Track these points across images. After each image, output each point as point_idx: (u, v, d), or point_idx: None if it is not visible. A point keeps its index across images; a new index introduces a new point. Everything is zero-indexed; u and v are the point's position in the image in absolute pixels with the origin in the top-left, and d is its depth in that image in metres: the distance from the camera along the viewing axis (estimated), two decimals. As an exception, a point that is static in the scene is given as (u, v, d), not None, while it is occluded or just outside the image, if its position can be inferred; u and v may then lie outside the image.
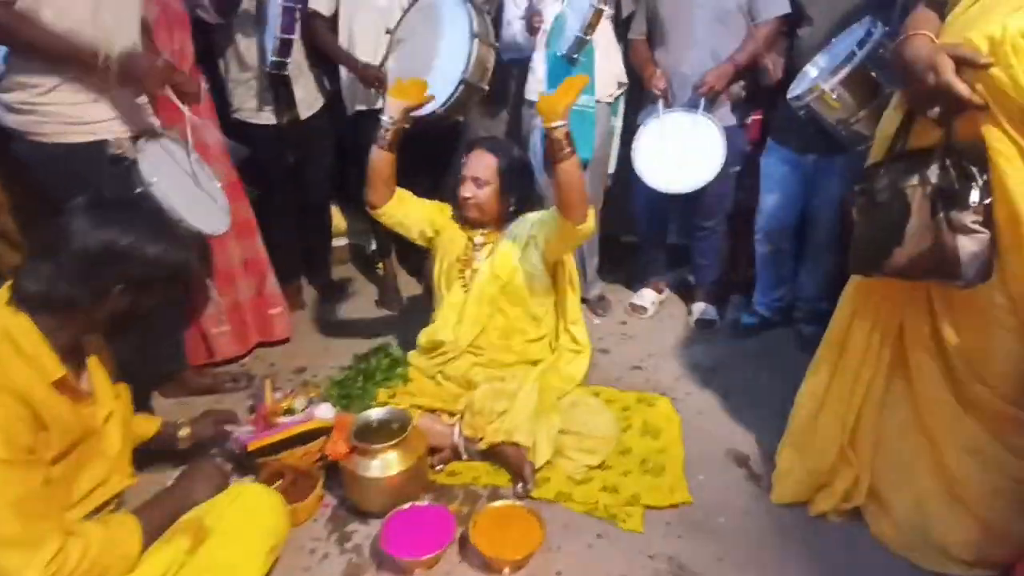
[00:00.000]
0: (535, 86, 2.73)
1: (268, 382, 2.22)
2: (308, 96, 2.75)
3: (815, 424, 1.84)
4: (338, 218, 3.46)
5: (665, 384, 2.46)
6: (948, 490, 1.63)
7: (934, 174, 1.43)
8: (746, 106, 2.81)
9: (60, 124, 1.85)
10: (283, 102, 2.69)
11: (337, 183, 3.29)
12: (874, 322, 1.69)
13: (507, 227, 2.18)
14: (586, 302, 3.04)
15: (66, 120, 1.85)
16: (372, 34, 2.67)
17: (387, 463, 1.77)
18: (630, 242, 3.22)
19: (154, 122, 2.08)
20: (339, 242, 3.52)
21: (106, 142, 1.89)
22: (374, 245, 3.40)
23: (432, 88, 2.14)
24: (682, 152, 2.60)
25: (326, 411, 2.03)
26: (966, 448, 1.58)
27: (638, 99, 2.84)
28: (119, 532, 1.34)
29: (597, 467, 1.97)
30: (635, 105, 2.87)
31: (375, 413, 1.92)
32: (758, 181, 2.85)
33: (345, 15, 2.69)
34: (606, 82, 2.71)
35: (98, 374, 1.47)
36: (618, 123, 2.95)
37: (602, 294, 3.09)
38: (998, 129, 1.34)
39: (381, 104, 2.71)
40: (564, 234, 2.01)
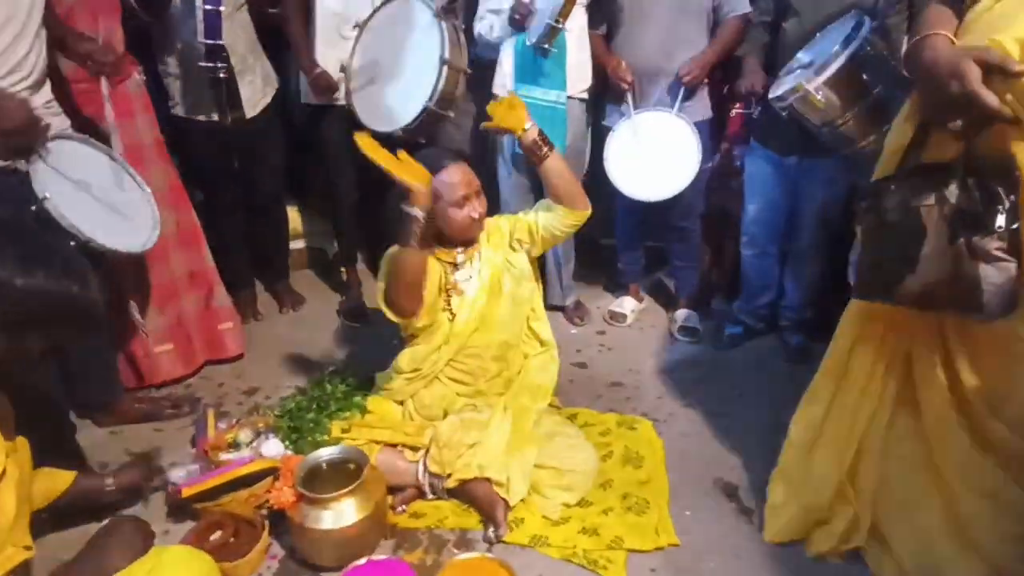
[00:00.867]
0: (502, 80, 2.53)
1: (211, 412, 2.02)
2: (254, 95, 2.52)
3: (810, 458, 1.69)
4: (295, 219, 3.23)
5: (647, 403, 2.30)
6: (958, 532, 1.49)
7: (953, 193, 1.26)
8: (725, 99, 2.67)
9: None
10: (226, 99, 2.43)
11: (293, 181, 3.07)
12: (878, 351, 1.54)
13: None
14: (563, 310, 2.88)
15: None
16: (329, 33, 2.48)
17: (340, 513, 1.57)
18: (608, 244, 3.05)
19: (59, 124, 1.81)
20: (296, 245, 3.29)
21: None
22: (336, 248, 3.18)
23: (392, 109, 1.91)
24: (657, 157, 2.45)
25: (274, 447, 1.83)
26: (980, 490, 1.44)
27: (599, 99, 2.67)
28: None
29: (575, 504, 1.81)
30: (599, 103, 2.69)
31: (326, 453, 1.72)
32: (732, 179, 2.71)
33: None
34: (579, 76, 2.52)
35: None
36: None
37: (579, 300, 2.92)
38: (1029, 145, 1.19)
39: (339, 100, 2.50)
40: (568, 223, 1.87)
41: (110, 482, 1.67)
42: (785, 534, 1.71)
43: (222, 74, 2.31)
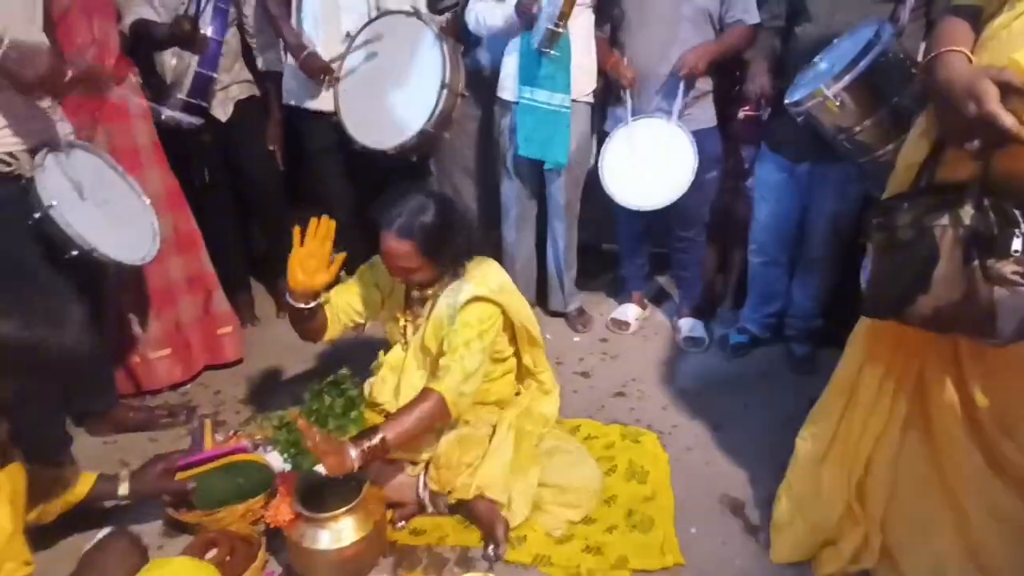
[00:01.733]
0: (507, 83, 2.50)
1: (208, 424, 1.99)
2: (226, 100, 2.51)
3: (818, 476, 1.66)
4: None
5: (651, 414, 2.27)
6: (970, 556, 1.46)
7: (967, 215, 1.23)
8: (731, 103, 2.62)
9: None
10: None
11: (287, 182, 3.02)
12: (888, 369, 1.51)
13: (448, 283, 1.77)
14: (564, 316, 2.85)
15: None
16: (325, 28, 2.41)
17: (338, 532, 1.55)
18: (611, 250, 3.01)
19: (61, 130, 1.77)
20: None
21: None
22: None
23: (385, 125, 1.88)
24: (651, 166, 2.41)
25: (276, 460, 1.80)
26: (993, 513, 1.41)
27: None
28: None
29: (579, 521, 1.78)
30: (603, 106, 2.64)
31: (323, 469, 1.69)
32: (740, 184, 2.67)
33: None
34: (584, 80, 2.47)
35: None
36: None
37: (581, 307, 2.88)
38: (1048, 167, 1.15)
39: (320, 104, 2.44)
40: None
41: (123, 490, 1.63)
42: (791, 554, 1.68)
43: (184, 125, 2.36)
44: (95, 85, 1.87)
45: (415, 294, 1.81)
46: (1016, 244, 1.18)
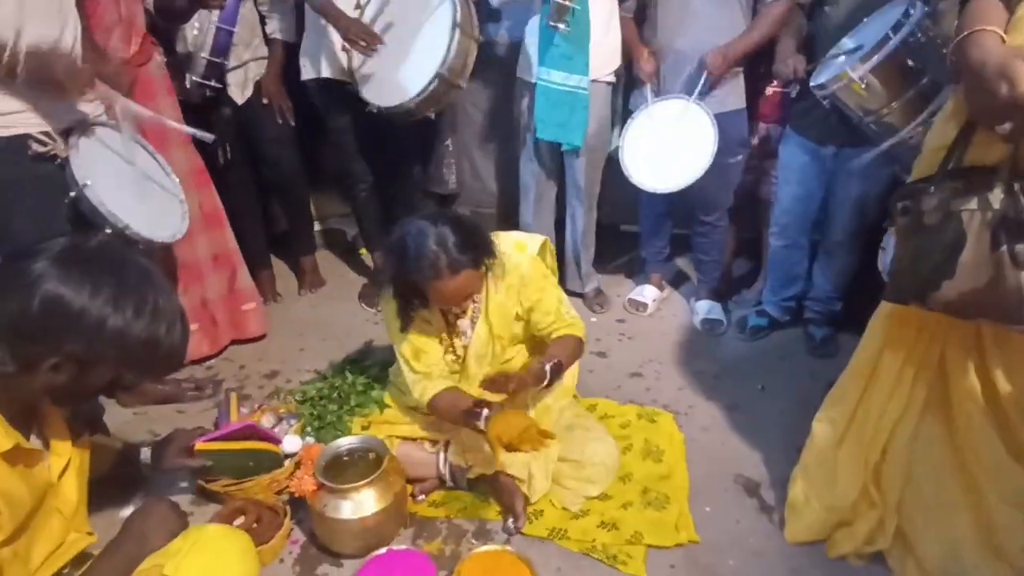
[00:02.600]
0: (527, 62, 2.48)
1: (234, 397, 2.03)
2: (244, 81, 2.52)
3: (834, 458, 1.67)
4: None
5: (667, 395, 2.29)
6: (986, 540, 1.47)
7: (997, 199, 1.22)
8: (760, 80, 2.56)
9: None
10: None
11: (307, 162, 3.04)
12: (908, 355, 1.51)
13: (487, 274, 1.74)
14: (582, 297, 2.86)
15: None
16: None
17: (360, 503, 1.59)
18: (630, 231, 3.01)
19: (91, 110, 1.79)
20: (312, 227, 3.28)
21: (28, 137, 1.61)
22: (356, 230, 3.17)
23: (401, 80, 1.84)
24: (671, 147, 2.38)
25: (293, 444, 1.84)
26: (1012, 500, 1.42)
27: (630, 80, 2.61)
28: None
29: (595, 497, 1.80)
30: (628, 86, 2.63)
31: (345, 442, 1.73)
32: (764, 163, 2.64)
33: None
34: (603, 60, 2.45)
35: (52, 419, 1.27)
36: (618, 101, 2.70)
37: (599, 287, 2.89)
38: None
39: (341, 75, 2.40)
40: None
41: (145, 459, 1.67)
42: (806, 534, 1.69)
43: (209, 92, 2.38)
44: (117, 81, 1.89)
45: (455, 309, 1.80)
46: (1046, 229, 1.17)
